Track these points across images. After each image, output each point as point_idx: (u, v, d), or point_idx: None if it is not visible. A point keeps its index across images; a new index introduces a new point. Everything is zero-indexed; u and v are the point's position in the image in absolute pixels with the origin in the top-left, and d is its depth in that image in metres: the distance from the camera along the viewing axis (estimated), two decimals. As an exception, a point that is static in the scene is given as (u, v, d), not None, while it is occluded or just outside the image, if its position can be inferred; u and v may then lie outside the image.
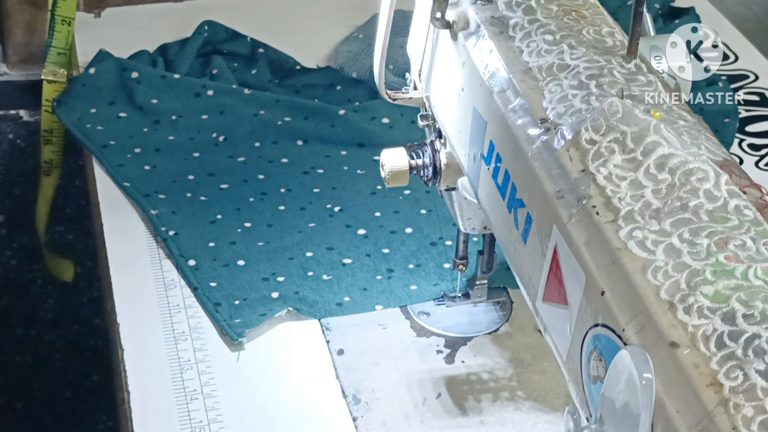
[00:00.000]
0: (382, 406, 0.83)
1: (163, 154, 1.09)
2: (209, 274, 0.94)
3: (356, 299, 0.92)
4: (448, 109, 0.75)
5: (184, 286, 0.93)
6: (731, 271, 0.50)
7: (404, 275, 0.94)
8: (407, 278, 0.94)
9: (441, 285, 0.93)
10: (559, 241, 0.58)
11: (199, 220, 1.00)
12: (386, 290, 0.93)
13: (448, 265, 0.94)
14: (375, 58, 0.77)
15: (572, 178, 0.58)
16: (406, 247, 0.97)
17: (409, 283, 0.93)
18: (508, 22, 0.69)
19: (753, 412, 0.45)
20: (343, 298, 0.92)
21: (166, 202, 1.02)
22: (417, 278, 0.94)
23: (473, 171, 0.71)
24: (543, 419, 0.82)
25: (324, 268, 0.95)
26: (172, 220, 0.99)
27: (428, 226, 1.00)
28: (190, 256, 0.95)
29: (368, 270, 0.95)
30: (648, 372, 0.49)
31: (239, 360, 0.87)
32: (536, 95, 0.63)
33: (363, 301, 0.92)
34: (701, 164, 0.55)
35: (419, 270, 0.95)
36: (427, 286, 0.93)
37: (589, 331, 0.55)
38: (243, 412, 0.82)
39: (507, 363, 0.87)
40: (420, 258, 0.96)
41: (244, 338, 0.87)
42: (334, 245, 0.97)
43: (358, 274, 0.94)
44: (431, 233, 0.99)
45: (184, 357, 0.86)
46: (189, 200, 1.03)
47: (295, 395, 0.84)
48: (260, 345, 0.88)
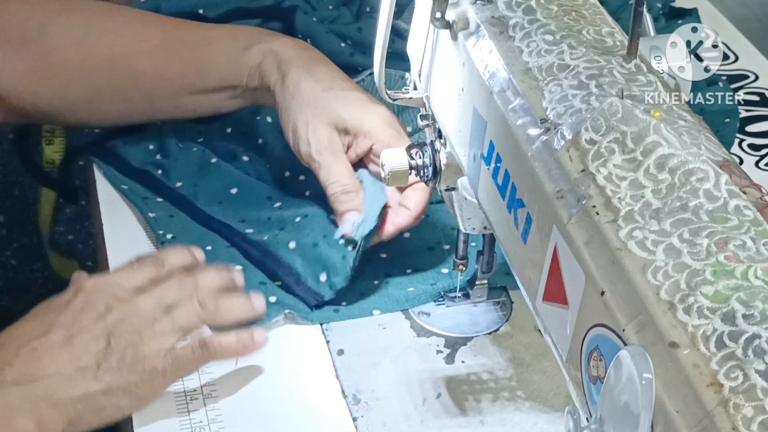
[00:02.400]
0: (382, 406, 0.83)
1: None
2: None
3: (353, 304, 0.91)
4: (448, 109, 0.75)
5: (184, 286, 0.93)
6: (731, 271, 0.50)
7: (402, 280, 0.94)
8: (404, 283, 0.94)
9: (438, 285, 0.93)
10: (559, 241, 0.58)
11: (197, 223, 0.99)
12: (384, 294, 0.92)
13: (447, 270, 0.94)
14: (375, 58, 0.77)
15: (572, 178, 0.58)
16: (403, 252, 0.97)
17: (406, 286, 0.93)
18: (508, 22, 0.69)
19: (753, 412, 0.45)
20: (341, 302, 0.91)
21: (164, 205, 1.01)
22: (414, 282, 0.94)
23: (473, 171, 0.71)
24: (543, 419, 0.82)
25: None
26: (170, 224, 0.99)
27: (426, 231, 0.99)
28: None
29: (366, 276, 0.94)
30: (648, 372, 0.49)
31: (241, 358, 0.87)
32: (536, 95, 0.63)
33: (360, 306, 0.91)
34: (701, 164, 0.56)
35: (417, 275, 0.94)
36: (425, 287, 0.93)
37: (589, 331, 0.55)
38: (243, 412, 0.82)
39: (507, 363, 0.87)
40: (418, 263, 0.96)
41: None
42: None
43: (355, 278, 0.92)
44: (429, 238, 0.98)
45: (184, 357, 0.86)
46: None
47: (295, 395, 0.84)
48: (260, 345, 0.88)
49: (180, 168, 1.04)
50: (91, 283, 0.82)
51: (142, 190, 1.03)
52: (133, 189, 1.03)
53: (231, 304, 0.84)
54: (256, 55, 0.98)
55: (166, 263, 0.85)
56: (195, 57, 1.01)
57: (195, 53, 1.01)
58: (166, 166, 1.04)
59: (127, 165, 1.05)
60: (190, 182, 1.02)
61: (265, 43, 0.98)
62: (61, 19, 1.01)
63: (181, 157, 1.05)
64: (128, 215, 1.01)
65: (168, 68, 1.00)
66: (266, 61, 0.97)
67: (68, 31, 1.01)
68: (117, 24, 1.03)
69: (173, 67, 1.00)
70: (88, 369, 0.77)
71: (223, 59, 1.00)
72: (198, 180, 1.03)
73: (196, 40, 1.02)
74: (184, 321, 0.81)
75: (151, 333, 0.79)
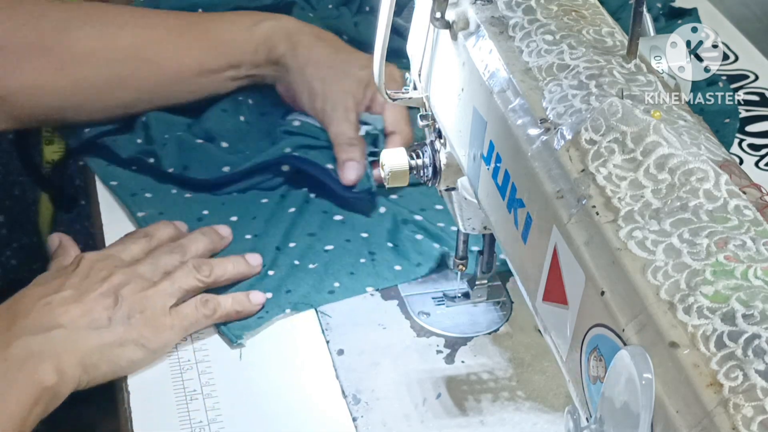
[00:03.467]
0: (382, 406, 0.83)
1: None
2: None
3: (346, 284, 0.93)
4: (448, 109, 0.75)
5: (184, 286, 0.93)
6: (731, 271, 0.50)
7: (386, 256, 0.96)
8: (390, 258, 0.96)
9: (423, 265, 0.95)
10: (559, 241, 0.58)
11: (187, 219, 0.99)
12: (372, 273, 0.94)
13: (421, 236, 0.97)
14: (375, 57, 0.77)
15: (572, 178, 0.58)
16: (382, 227, 0.99)
17: (392, 264, 0.95)
18: (508, 22, 0.69)
19: (753, 412, 0.45)
20: (333, 284, 0.93)
21: (152, 201, 1.01)
22: (399, 258, 0.96)
23: (473, 171, 0.71)
24: (543, 419, 0.82)
25: (309, 258, 0.96)
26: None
27: (399, 208, 1.02)
28: None
29: (351, 254, 0.96)
30: (648, 372, 0.49)
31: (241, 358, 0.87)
32: (536, 95, 0.63)
33: (353, 285, 0.93)
34: (701, 164, 0.56)
35: (398, 249, 0.97)
36: (410, 267, 0.95)
37: (589, 331, 0.55)
38: (243, 412, 0.82)
39: (507, 363, 0.87)
40: (396, 238, 0.98)
41: (243, 340, 0.88)
42: (314, 232, 0.98)
43: (343, 259, 0.95)
44: (402, 212, 1.01)
45: (184, 357, 0.86)
46: (174, 198, 1.02)
47: (295, 395, 0.84)
48: (260, 345, 0.88)
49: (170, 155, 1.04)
50: (91, 255, 0.87)
51: (132, 185, 1.03)
52: (123, 184, 1.03)
53: (225, 263, 0.90)
54: (265, 29, 1.05)
55: (155, 237, 0.91)
56: (210, 40, 1.06)
57: (210, 36, 1.06)
58: (157, 154, 1.04)
59: (118, 158, 1.05)
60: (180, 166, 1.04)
61: (272, 20, 1.06)
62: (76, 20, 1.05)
63: (169, 143, 1.05)
64: (128, 215, 1.01)
65: (184, 52, 1.05)
66: (275, 35, 1.04)
67: (86, 27, 1.04)
68: (134, 16, 1.08)
69: (188, 49, 1.05)
70: (100, 321, 0.82)
71: (231, 37, 1.06)
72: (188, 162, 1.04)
73: (209, 24, 1.08)
74: (183, 283, 0.87)
75: (155, 292, 0.85)
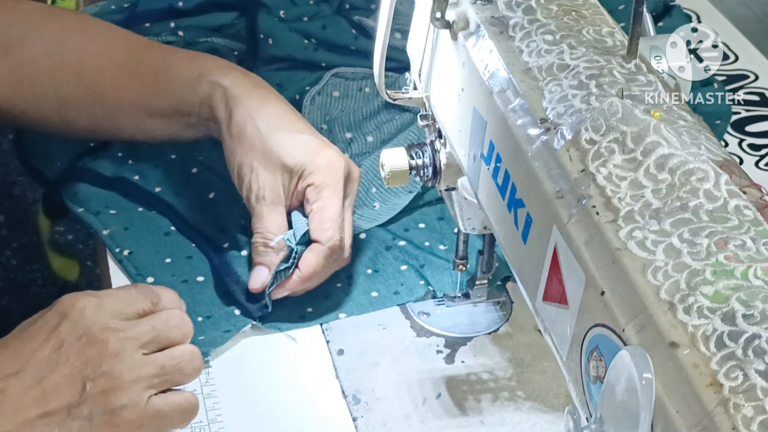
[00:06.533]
0: (382, 406, 0.83)
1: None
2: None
3: (319, 309, 0.91)
4: (448, 109, 0.75)
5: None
6: (731, 271, 0.50)
7: (363, 281, 0.93)
8: (367, 284, 0.93)
9: (402, 294, 0.92)
10: (559, 241, 0.58)
11: (153, 234, 0.97)
12: (348, 299, 0.92)
13: (405, 267, 0.95)
14: (375, 58, 0.77)
15: (572, 178, 0.58)
16: (362, 253, 0.96)
17: (369, 290, 0.93)
18: (508, 22, 0.69)
19: (753, 412, 0.45)
20: (306, 309, 0.91)
21: (118, 217, 0.98)
22: (377, 284, 0.93)
23: (473, 171, 0.71)
24: (543, 419, 0.83)
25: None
26: (126, 238, 0.96)
27: (382, 232, 0.99)
28: (148, 274, 0.92)
29: (328, 279, 0.92)
30: (648, 372, 0.49)
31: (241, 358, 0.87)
32: (536, 95, 0.63)
33: (326, 311, 0.91)
34: (701, 164, 0.56)
35: (377, 276, 0.94)
36: (388, 294, 0.92)
37: (589, 331, 0.55)
38: (243, 412, 0.82)
39: (507, 363, 0.87)
40: (377, 263, 0.95)
41: (210, 357, 0.85)
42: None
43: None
44: (385, 238, 0.98)
45: (184, 357, 0.86)
46: (140, 214, 0.99)
47: (295, 395, 0.84)
48: (260, 345, 0.88)
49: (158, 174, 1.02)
50: (78, 310, 0.76)
51: (95, 205, 0.99)
52: (88, 207, 0.98)
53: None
54: (206, 87, 0.97)
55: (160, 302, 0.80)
56: (153, 80, 1.00)
57: (154, 76, 1.00)
58: (143, 171, 1.02)
59: (101, 177, 1.02)
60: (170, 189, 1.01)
61: (216, 77, 0.97)
62: (39, 28, 1.01)
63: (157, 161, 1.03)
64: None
65: (128, 88, 1.00)
66: (215, 95, 0.96)
67: (44, 42, 1.00)
68: (88, 38, 1.02)
69: (133, 87, 1.00)
70: (55, 415, 0.72)
71: (178, 86, 0.99)
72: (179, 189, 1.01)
73: (157, 63, 1.01)
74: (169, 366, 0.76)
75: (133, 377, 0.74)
